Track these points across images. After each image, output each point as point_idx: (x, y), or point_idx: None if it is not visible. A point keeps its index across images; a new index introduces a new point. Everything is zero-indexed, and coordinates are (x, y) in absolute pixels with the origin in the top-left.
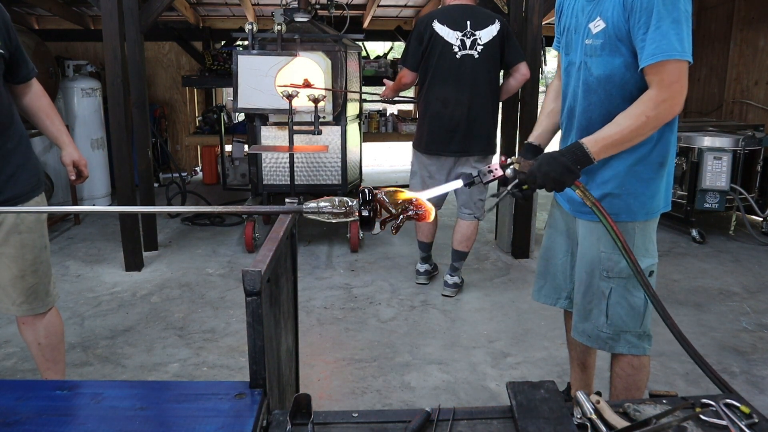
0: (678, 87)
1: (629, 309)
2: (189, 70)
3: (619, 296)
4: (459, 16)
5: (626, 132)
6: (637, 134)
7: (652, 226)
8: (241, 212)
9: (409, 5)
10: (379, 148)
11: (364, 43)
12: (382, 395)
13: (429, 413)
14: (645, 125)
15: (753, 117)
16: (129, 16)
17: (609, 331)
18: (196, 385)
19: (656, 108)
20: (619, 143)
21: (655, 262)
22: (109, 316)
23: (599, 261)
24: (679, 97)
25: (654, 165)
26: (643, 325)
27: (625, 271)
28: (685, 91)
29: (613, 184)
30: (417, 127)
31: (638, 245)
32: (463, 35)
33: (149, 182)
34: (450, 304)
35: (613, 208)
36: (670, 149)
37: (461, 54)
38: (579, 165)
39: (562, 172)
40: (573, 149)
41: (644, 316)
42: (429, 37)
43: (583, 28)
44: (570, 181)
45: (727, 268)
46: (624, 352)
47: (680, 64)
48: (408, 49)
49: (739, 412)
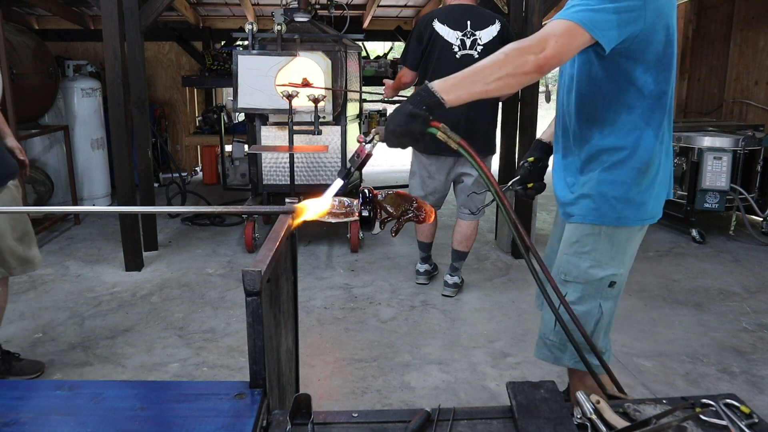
0: (551, 41)
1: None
2: (189, 70)
3: (572, 303)
4: (459, 16)
5: (478, 69)
6: (492, 72)
7: (625, 235)
8: (241, 212)
9: (409, 5)
10: (379, 148)
11: (364, 43)
12: (382, 395)
13: (429, 413)
14: (501, 65)
15: (753, 117)
16: (129, 16)
17: (556, 338)
18: (196, 385)
19: (519, 52)
20: (469, 80)
21: (618, 272)
22: (109, 316)
23: (560, 263)
24: (549, 53)
25: (632, 171)
26: (593, 338)
27: (583, 276)
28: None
29: (588, 185)
30: None
31: (602, 251)
32: (463, 35)
33: (149, 182)
34: (450, 304)
35: (582, 210)
36: (653, 158)
37: (461, 54)
38: (424, 106)
39: (407, 120)
40: (418, 91)
41: (596, 327)
42: (429, 36)
43: None
44: (417, 126)
45: (727, 268)
46: (570, 365)
47: (568, 25)
48: (408, 48)
49: (739, 412)
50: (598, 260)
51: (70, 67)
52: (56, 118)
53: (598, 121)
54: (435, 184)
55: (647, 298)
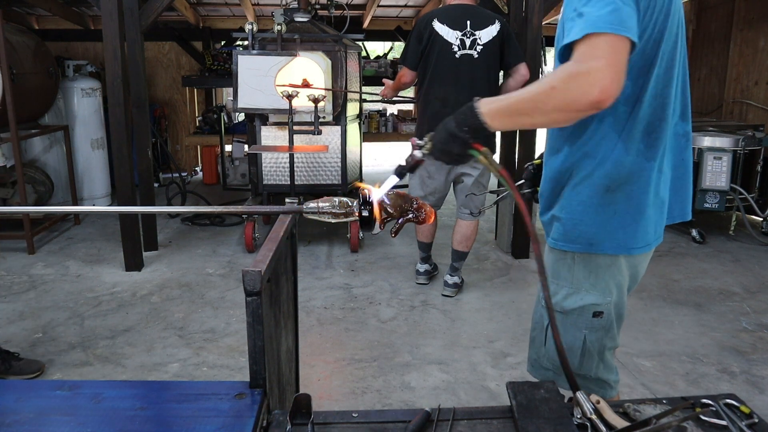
0: (599, 64)
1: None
2: (189, 70)
3: None
4: (459, 15)
5: (525, 98)
6: (537, 106)
7: (604, 261)
8: (241, 212)
9: (409, 5)
10: (379, 148)
11: (364, 43)
12: (382, 395)
13: (429, 413)
14: (547, 98)
15: (753, 117)
16: (129, 16)
17: (549, 364)
18: (196, 385)
19: (567, 81)
20: (514, 110)
21: (602, 302)
22: (109, 316)
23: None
24: (601, 77)
25: (598, 188)
26: (584, 368)
27: (560, 304)
28: (616, 77)
29: (559, 205)
30: (416, 127)
31: (578, 278)
32: (462, 35)
33: (149, 182)
34: (450, 304)
35: (554, 233)
36: (622, 172)
37: (460, 53)
38: (466, 126)
39: (447, 139)
40: (463, 109)
41: (583, 358)
42: (429, 36)
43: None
44: (457, 148)
45: (727, 268)
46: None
47: (610, 39)
48: (407, 48)
49: (739, 412)
50: (575, 288)
51: (70, 67)
52: (56, 118)
53: (568, 131)
54: (435, 184)
55: (647, 298)
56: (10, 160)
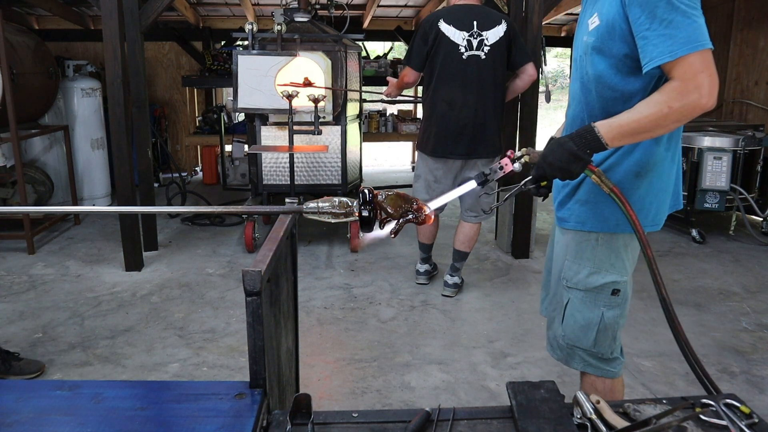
0: (704, 77)
1: (582, 324)
2: (189, 70)
3: (574, 308)
4: (465, 16)
5: (645, 121)
6: (657, 125)
7: (623, 242)
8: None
9: (409, 5)
10: (379, 148)
11: (364, 43)
12: (382, 395)
13: (429, 413)
14: (666, 117)
15: (753, 117)
16: (129, 16)
17: (564, 343)
18: (196, 385)
19: (681, 99)
20: (636, 132)
21: (620, 279)
22: (109, 316)
23: (562, 268)
24: (708, 88)
25: (627, 174)
26: (598, 346)
27: (582, 282)
28: (715, 82)
29: (583, 189)
30: (422, 129)
31: (600, 258)
32: (469, 35)
33: (149, 182)
34: (450, 304)
35: (578, 216)
36: (651, 160)
37: (468, 55)
38: (588, 149)
39: (569, 159)
40: (582, 132)
41: (597, 336)
42: (435, 37)
43: (584, 25)
44: (578, 168)
45: (727, 268)
46: (579, 369)
47: (703, 54)
48: (412, 48)
49: (739, 412)
50: (597, 267)
51: (70, 67)
52: (56, 118)
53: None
54: (441, 189)
55: (647, 298)
56: (10, 160)
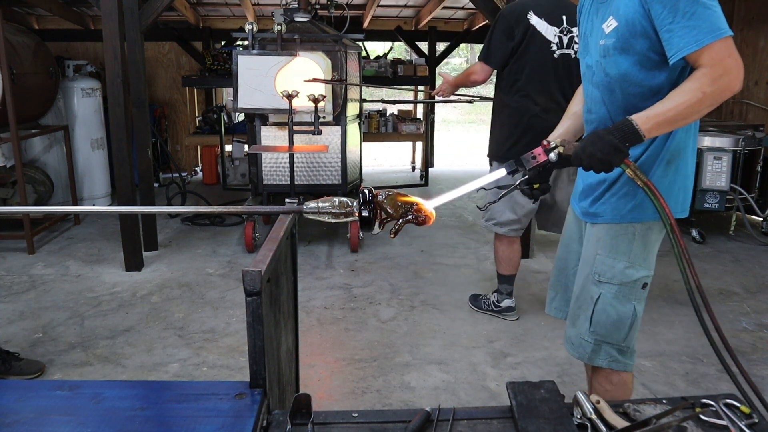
0: (732, 61)
1: (615, 319)
2: (189, 70)
3: (607, 303)
4: (554, 9)
5: (681, 108)
6: (693, 111)
7: (655, 236)
8: (241, 212)
9: (409, 5)
10: (379, 148)
11: (364, 43)
12: (382, 395)
13: (429, 413)
14: (702, 102)
15: (753, 117)
16: (129, 16)
17: (590, 339)
18: (196, 385)
19: (713, 84)
20: (673, 120)
21: (650, 274)
22: (109, 316)
23: (593, 263)
24: (736, 72)
25: (662, 162)
26: (628, 339)
27: (618, 277)
28: (741, 66)
29: (621, 182)
30: (503, 136)
31: (636, 252)
32: (560, 32)
33: (149, 182)
34: (450, 304)
35: (620, 208)
36: (682, 150)
37: (559, 53)
38: (627, 142)
39: (609, 151)
40: (620, 126)
41: (630, 330)
42: (524, 31)
43: (597, 30)
44: (618, 160)
45: (727, 268)
46: (603, 365)
47: (726, 41)
48: (491, 43)
49: (739, 412)
50: (632, 261)
51: (70, 67)
52: (56, 118)
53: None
54: (530, 206)
55: (647, 298)
56: (10, 160)
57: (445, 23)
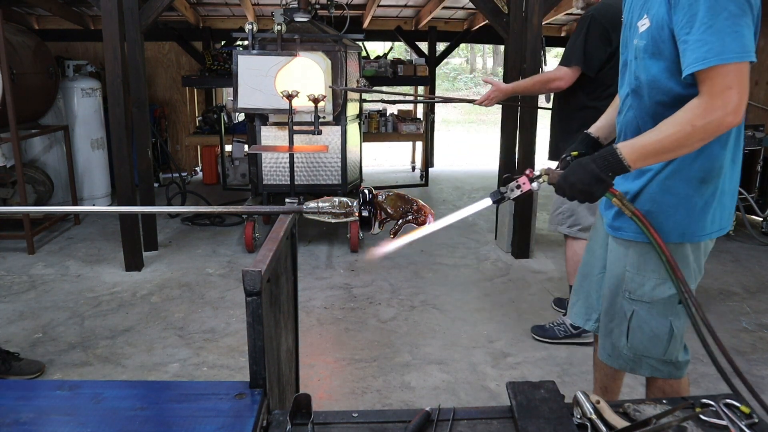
0: (733, 94)
1: (651, 336)
2: (189, 70)
3: (641, 321)
4: None
5: (667, 141)
6: (681, 145)
7: (689, 251)
8: (241, 212)
9: (409, 5)
10: (379, 148)
11: (364, 43)
12: (382, 395)
13: (429, 413)
14: (690, 136)
15: (753, 117)
16: (129, 16)
17: (629, 353)
18: (196, 385)
19: (704, 117)
20: (659, 152)
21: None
22: (109, 316)
23: (623, 280)
24: (735, 107)
25: (692, 181)
26: (668, 354)
27: (648, 295)
28: (744, 99)
29: (643, 199)
30: None
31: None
32: None
33: (149, 182)
34: (450, 304)
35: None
36: (716, 165)
37: None
38: (610, 172)
39: (590, 181)
40: (604, 154)
41: (669, 344)
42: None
43: (634, 26)
44: (600, 191)
45: (727, 268)
46: (647, 374)
47: (738, 67)
48: (585, 47)
49: (739, 412)
50: (662, 278)
51: (70, 67)
52: (56, 118)
53: None
54: None
55: None
56: (10, 160)
57: (445, 23)
